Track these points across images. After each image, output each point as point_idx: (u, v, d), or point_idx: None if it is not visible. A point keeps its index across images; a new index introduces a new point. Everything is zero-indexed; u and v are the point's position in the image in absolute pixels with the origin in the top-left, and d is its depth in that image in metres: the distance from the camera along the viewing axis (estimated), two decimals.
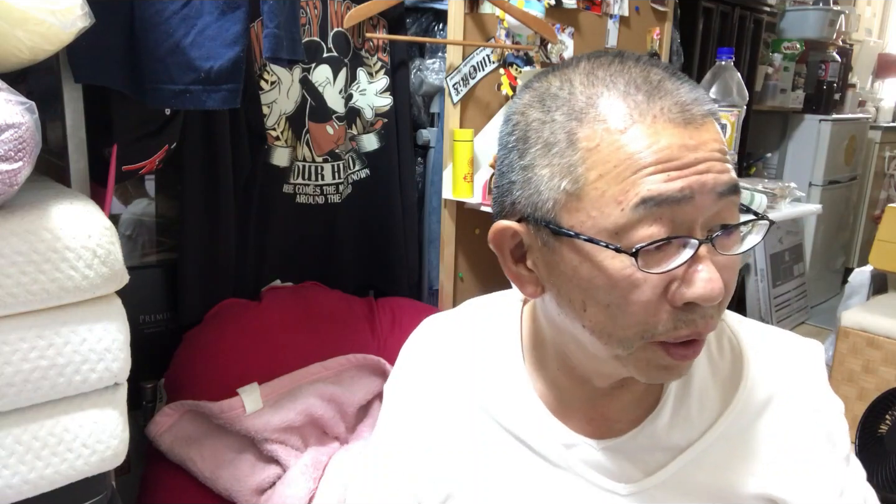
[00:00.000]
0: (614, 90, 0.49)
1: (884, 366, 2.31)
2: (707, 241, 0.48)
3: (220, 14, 1.03)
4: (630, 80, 0.49)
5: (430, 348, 0.71)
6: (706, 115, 0.49)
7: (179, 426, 1.32)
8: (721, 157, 0.48)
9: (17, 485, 0.79)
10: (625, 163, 0.47)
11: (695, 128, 0.48)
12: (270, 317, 1.48)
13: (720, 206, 0.48)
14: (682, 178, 0.46)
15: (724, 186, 0.48)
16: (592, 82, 0.50)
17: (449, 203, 1.79)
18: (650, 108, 0.48)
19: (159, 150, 1.28)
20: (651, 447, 0.59)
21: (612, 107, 0.48)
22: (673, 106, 0.48)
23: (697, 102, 0.49)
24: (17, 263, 0.75)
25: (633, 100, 0.48)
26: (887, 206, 2.51)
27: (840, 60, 3.69)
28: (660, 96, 0.48)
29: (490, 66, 1.78)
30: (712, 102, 0.51)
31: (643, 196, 0.46)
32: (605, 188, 0.48)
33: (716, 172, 0.47)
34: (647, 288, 0.48)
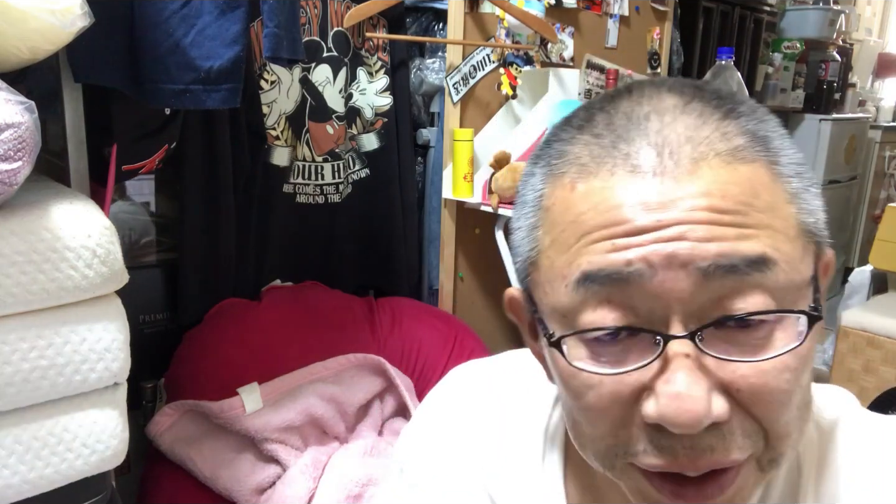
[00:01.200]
0: (587, 133, 0.38)
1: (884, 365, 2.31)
2: (684, 339, 0.34)
3: (219, 14, 1.03)
4: (614, 116, 0.37)
5: (447, 421, 0.55)
6: (700, 159, 0.34)
7: (179, 426, 1.32)
8: (708, 219, 0.33)
9: (17, 485, 0.79)
10: (570, 227, 0.36)
11: (670, 178, 0.34)
12: (270, 317, 1.48)
13: (714, 290, 0.34)
14: (635, 248, 0.34)
15: (709, 261, 0.33)
16: (582, 122, 0.39)
17: (449, 203, 1.79)
18: (610, 155, 0.36)
19: (159, 149, 1.28)
20: None
21: (574, 155, 0.38)
22: (643, 149, 0.35)
23: (692, 142, 0.35)
24: (16, 263, 0.75)
25: (598, 144, 0.37)
26: (887, 206, 2.50)
27: (840, 60, 3.69)
28: (630, 137, 0.36)
29: (490, 66, 1.78)
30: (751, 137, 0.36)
31: (583, 270, 0.35)
32: (553, 258, 0.38)
33: (693, 240, 0.33)
34: (606, 392, 0.36)
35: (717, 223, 0.34)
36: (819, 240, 0.38)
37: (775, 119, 0.39)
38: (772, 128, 0.37)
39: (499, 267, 1.77)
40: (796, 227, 0.36)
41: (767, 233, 0.34)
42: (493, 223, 1.77)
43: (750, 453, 0.36)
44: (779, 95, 3.39)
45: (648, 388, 0.35)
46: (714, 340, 0.34)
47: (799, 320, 0.35)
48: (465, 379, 0.57)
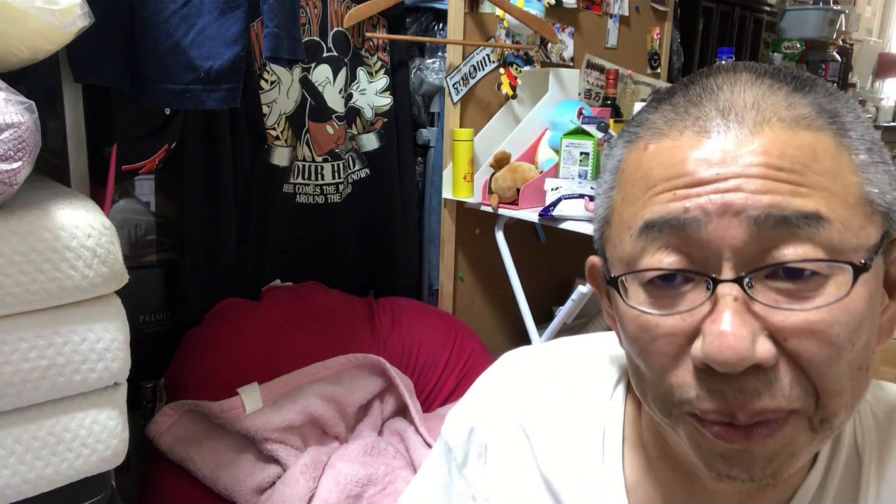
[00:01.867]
0: (666, 105, 0.41)
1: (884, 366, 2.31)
2: (732, 282, 0.36)
3: (219, 14, 1.03)
4: (691, 89, 0.40)
5: (500, 401, 0.54)
6: (764, 120, 0.37)
7: (179, 426, 1.32)
8: (766, 173, 0.36)
9: (16, 485, 0.79)
10: (639, 182, 0.39)
11: (733, 136, 0.37)
12: (270, 317, 1.48)
13: (767, 239, 0.35)
14: (693, 198, 0.36)
15: (761, 210, 0.35)
16: (664, 95, 0.42)
17: (449, 203, 1.79)
18: (681, 119, 0.39)
19: (159, 149, 1.28)
20: None
21: (651, 123, 0.41)
22: (711, 111, 0.38)
23: (755, 107, 0.37)
24: (16, 263, 0.75)
25: (673, 111, 0.40)
26: None
27: (840, 60, 3.69)
28: (700, 103, 0.39)
29: (490, 66, 1.78)
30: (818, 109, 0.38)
31: (645, 220, 0.38)
32: (623, 212, 0.41)
33: (749, 192, 0.35)
34: (664, 340, 0.38)
35: (773, 178, 0.36)
36: (888, 216, 0.38)
37: (852, 101, 0.40)
38: (844, 105, 0.39)
39: (499, 267, 1.77)
40: (858, 195, 0.37)
41: (823, 194, 0.36)
42: (493, 223, 1.77)
43: (799, 406, 0.37)
44: None
45: (699, 331, 0.37)
46: (764, 289, 0.36)
47: (855, 280, 0.36)
48: (516, 360, 0.57)
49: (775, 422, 0.37)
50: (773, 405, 0.36)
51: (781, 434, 0.37)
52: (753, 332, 0.35)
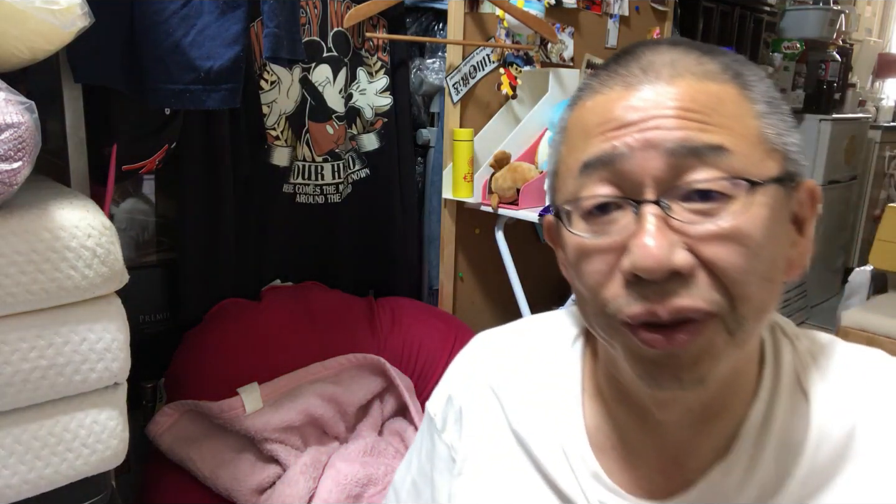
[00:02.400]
0: (602, 71, 0.48)
1: None
2: (651, 203, 0.42)
3: (219, 14, 1.03)
4: (623, 57, 0.48)
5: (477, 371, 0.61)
6: (678, 74, 0.44)
7: (179, 426, 1.32)
8: (679, 114, 0.43)
9: (17, 485, 0.79)
10: (580, 134, 0.47)
11: (652, 87, 0.44)
12: (270, 317, 1.48)
13: (681, 167, 0.42)
14: (620, 137, 0.44)
15: (674, 143, 0.42)
16: (600, 66, 0.50)
17: (449, 203, 1.79)
18: (612, 78, 0.46)
19: (159, 149, 1.28)
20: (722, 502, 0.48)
21: (590, 86, 0.48)
22: (636, 70, 0.45)
23: (671, 64, 0.45)
24: (16, 263, 0.75)
25: (608, 73, 0.47)
26: (887, 206, 2.50)
27: (840, 60, 3.69)
28: (627, 64, 0.46)
29: (490, 66, 1.78)
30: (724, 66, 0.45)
31: (583, 160, 0.45)
32: (567, 160, 0.48)
33: (665, 129, 0.43)
34: (597, 258, 0.45)
35: (685, 118, 0.43)
36: (786, 157, 0.46)
37: (757, 67, 0.47)
38: (749, 68, 0.47)
39: (499, 267, 1.77)
40: (758, 136, 0.44)
41: (727, 131, 0.43)
42: (493, 223, 1.77)
43: (716, 310, 0.42)
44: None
45: (627, 247, 0.43)
46: (680, 210, 0.43)
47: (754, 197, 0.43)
48: (487, 336, 0.65)
49: (694, 323, 0.42)
50: (691, 304, 0.42)
51: (702, 337, 0.43)
52: (671, 243, 0.42)
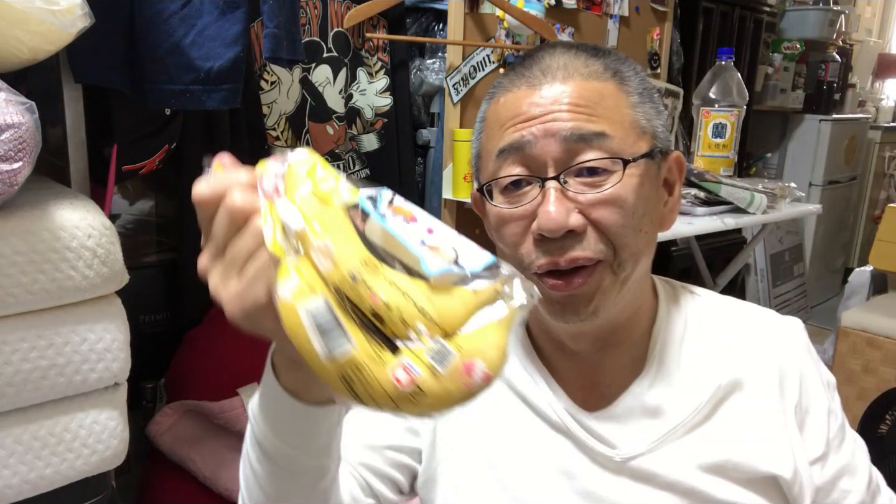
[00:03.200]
0: (511, 72, 0.61)
1: (884, 366, 2.31)
2: (553, 179, 0.56)
3: (219, 14, 1.03)
4: (527, 61, 0.60)
5: None
6: (569, 76, 0.57)
7: (179, 426, 1.32)
8: (569, 109, 0.56)
9: (17, 485, 0.79)
10: (496, 124, 0.59)
11: (550, 87, 0.57)
12: None
13: (573, 151, 0.56)
14: (527, 128, 0.57)
15: (567, 132, 0.55)
16: (509, 68, 0.62)
17: (449, 203, 1.79)
18: (519, 79, 0.59)
19: (159, 150, 1.28)
20: (639, 413, 0.62)
21: (501, 84, 0.61)
22: (537, 73, 0.58)
23: (564, 67, 0.58)
24: (17, 263, 0.75)
25: (515, 74, 0.60)
26: (887, 206, 2.50)
27: (840, 60, 3.69)
28: (531, 67, 0.59)
29: (490, 66, 1.78)
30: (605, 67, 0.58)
31: (499, 147, 0.58)
32: (487, 145, 0.61)
33: (561, 121, 0.56)
34: (513, 223, 0.58)
35: (575, 111, 0.56)
36: (654, 136, 0.59)
37: (636, 65, 0.61)
38: (627, 66, 0.60)
39: None
40: (631, 121, 0.58)
41: (607, 121, 0.57)
42: None
43: (602, 257, 0.57)
44: (779, 96, 3.39)
45: (535, 214, 0.57)
46: (575, 183, 0.56)
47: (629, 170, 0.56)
48: None
49: (586, 269, 0.56)
50: (584, 255, 0.56)
51: (592, 279, 0.57)
52: (568, 209, 0.55)
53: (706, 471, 0.60)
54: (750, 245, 2.28)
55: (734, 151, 1.90)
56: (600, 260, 0.56)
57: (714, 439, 0.61)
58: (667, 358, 0.63)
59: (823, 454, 0.62)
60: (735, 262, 2.24)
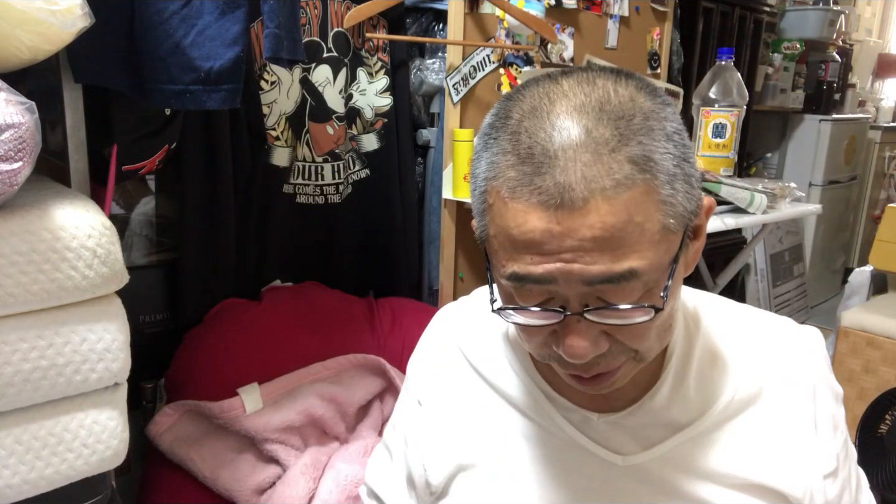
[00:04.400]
0: (513, 155, 0.50)
1: (884, 366, 2.31)
2: (575, 314, 0.51)
3: (220, 14, 1.03)
4: (535, 140, 0.49)
5: (442, 332, 0.76)
6: (589, 197, 0.47)
7: (179, 426, 1.32)
8: (593, 247, 0.47)
9: (17, 485, 0.79)
10: (503, 233, 0.51)
11: (567, 212, 0.47)
12: (270, 317, 1.48)
13: (598, 290, 0.50)
14: (546, 264, 0.49)
15: (593, 278, 0.48)
16: (515, 130, 0.51)
17: (449, 203, 1.79)
18: (529, 186, 0.48)
19: (159, 150, 1.28)
20: (650, 423, 0.62)
21: (506, 172, 0.50)
22: (551, 187, 0.47)
23: (585, 181, 0.47)
24: (17, 263, 0.75)
25: (522, 170, 0.49)
26: (887, 206, 2.50)
27: (840, 60, 3.69)
28: (543, 171, 0.48)
29: (490, 66, 1.78)
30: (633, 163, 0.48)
31: (511, 271, 0.51)
32: (496, 247, 0.53)
33: (584, 263, 0.48)
34: (535, 335, 0.55)
35: (599, 250, 0.48)
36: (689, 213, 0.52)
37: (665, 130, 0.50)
38: (657, 142, 0.49)
39: None
40: (661, 230, 0.49)
41: (636, 248, 0.48)
42: None
43: (626, 360, 0.55)
44: (779, 96, 3.39)
45: (556, 332, 0.53)
46: (600, 314, 0.51)
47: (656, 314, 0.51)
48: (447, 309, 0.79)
49: (612, 371, 0.55)
50: (608, 368, 0.54)
51: (618, 376, 0.56)
52: (593, 338, 0.52)
53: (713, 481, 0.60)
54: (750, 245, 2.28)
55: (734, 151, 1.91)
56: (625, 363, 0.55)
57: (723, 450, 0.61)
58: (682, 370, 0.62)
59: (835, 469, 0.62)
60: (735, 262, 2.24)
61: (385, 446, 0.80)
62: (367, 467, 0.82)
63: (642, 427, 0.62)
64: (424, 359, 0.77)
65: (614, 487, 0.62)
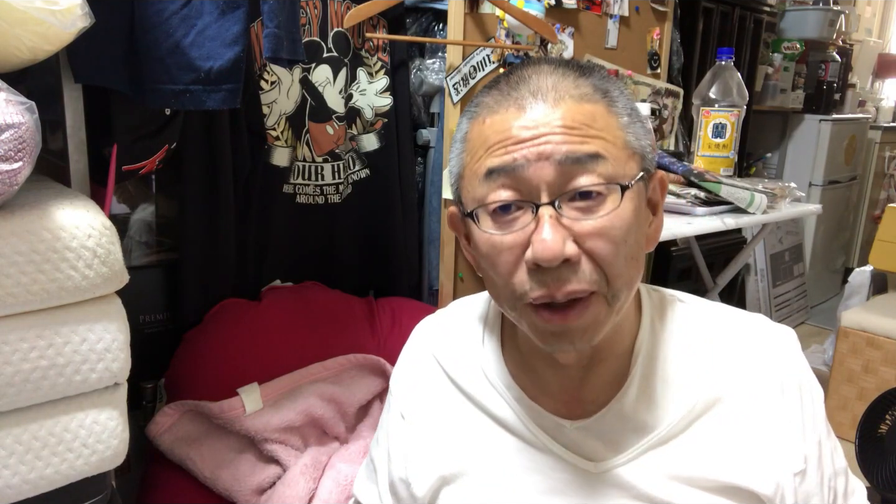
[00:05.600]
0: (495, 91, 0.58)
1: (884, 366, 2.31)
2: (548, 205, 0.54)
3: (220, 14, 1.03)
4: (513, 80, 0.58)
5: (420, 346, 0.77)
6: (560, 98, 0.55)
7: (179, 426, 1.32)
8: (563, 131, 0.54)
9: (17, 485, 0.79)
10: (482, 146, 0.57)
11: (541, 109, 0.55)
12: (270, 317, 1.48)
13: (568, 174, 0.54)
14: (518, 151, 0.54)
15: (562, 155, 0.53)
16: (492, 84, 0.60)
17: (449, 203, 1.79)
18: (506, 100, 0.57)
19: (159, 150, 1.28)
20: (619, 428, 0.63)
21: (486, 104, 0.58)
22: (526, 94, 0.56)
23: (554, 88, 0.55)
24: (17, 263, 0.75)
25: (500, 94, 0.57)
26: (887, 206, 2.51)
27: (840, 60, 3.69)
28: (518, 87, 0.56)
29: (490, 66, 1.78)
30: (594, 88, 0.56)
31: (487, 167, 0.56)
32: (474, 167, 0.58)
33: (554, 143, 0.54)
34: (506, 252, 0.56)
35: (568, 134, 0.54)
36: (643, 157, 0.58)
37: (619, 82, 0.60)
38: (614, 86, 0.59)
39: None
40: (623, 141, 0.57)
41: (600, 142, 0.55)
42: None
43: (597, 288, 0.56)
44: (779, 96, 3.39)
45: (529, 242, 0.54)
46: (569, 209, 0.54)
47: (624, 194, 0.55)
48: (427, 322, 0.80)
49: (581, 302, 0.55)
50: (580, 287, 0.55)
51: (589, 312, 0.56)
52: (564, 237, 0.53)
53: (685, 483, 0.61)
54: (750, 245, 2.28)
55: (734, 151, 1.91)
56: (595, 291, 0.55)
57: (693, 452, 0.61)
58: (648, 372, 0.63)
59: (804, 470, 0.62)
60: (735, 262, 2.24)
61: (371, 460, 0.81)
62: (356, 480, 0.84)
63: (612, 432, 0.63)
64: (405, 373, 0.77)
65: (589, 494, 0.63)
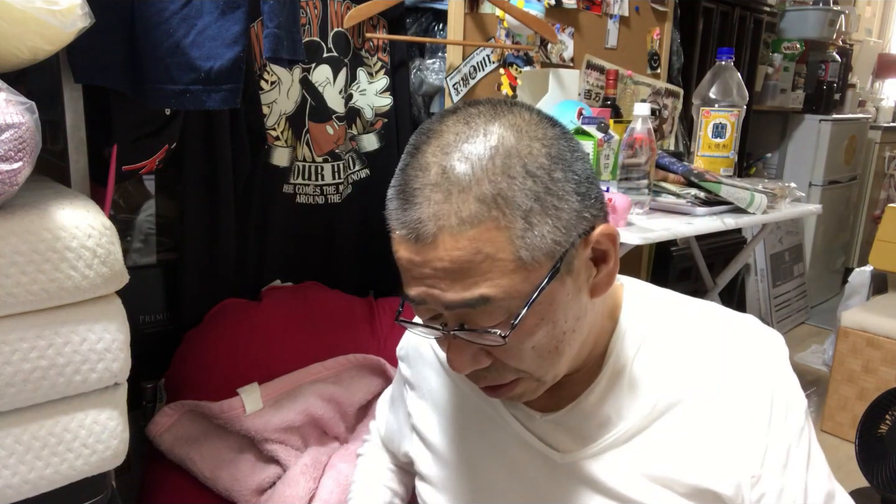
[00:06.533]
0: (395, 189, 0.58)
1: (884, 366, 2.31)
2: (446, 331, 0.57)
3: (220, 14, 1.03)
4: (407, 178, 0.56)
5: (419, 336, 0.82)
6: (437, 232, 0.52)
7: (179, 426, 1.32)
8: (445, 276, 0.53)
9: (17, 485, 0.79)
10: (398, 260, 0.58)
11: (422, 245, 0.53)
12: (270, 317, 1.48)
13: (459, 315, 0.56)
14: (415, 287, 0.56)
15: (448, 303, 0.54)
16: (402, 167, 0.59)
17: None
18: (398, 220, 0.56)
19: (159, 150, 1.28)
20: (586, 422, 0.66)
21: (391, 205, 0.58)
22: (410, 222, 0.54)
23: (434, 218, 0.52)
24: (17, 263, 0.75)
25: (396, 204, 0.56)
26: (887, 206, 2.51)
27: (840, 60, 3.69)
28: (406, 208, 0.55)
29: (490, 66, 1.78)
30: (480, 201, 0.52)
31: (403, 291, 0.58)
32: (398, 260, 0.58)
33: (440, 289, 0.54)
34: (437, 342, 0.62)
35: (450, 279, 0.53)
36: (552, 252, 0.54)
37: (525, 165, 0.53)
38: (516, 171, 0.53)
39: None
40: (515, 261, 0.53)
41: (487, 277, 0.53)
42: None
43: (518, 376, 0.60)
44: (779, 96, 3.39)
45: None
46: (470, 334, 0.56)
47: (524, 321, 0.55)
48: None
49: (507, 385, 0.60)
50: (499, 380, 0.60)
51: (516, 390, 0.61)
52: (471, 355, 0.58)
53: (648, 480, 0.63)
54: (750, 245, 2.28)
55: (734, 151, 1.90)
56: (518, 378, 0.60)
57: (654, 451, 0.63)
58: (617, 371, 0.65)
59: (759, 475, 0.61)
60: (735, 262, 2.24)
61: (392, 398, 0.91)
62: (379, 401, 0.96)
63: (578, 426, 0.66)
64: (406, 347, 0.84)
65: (553, 482, 0.67)
